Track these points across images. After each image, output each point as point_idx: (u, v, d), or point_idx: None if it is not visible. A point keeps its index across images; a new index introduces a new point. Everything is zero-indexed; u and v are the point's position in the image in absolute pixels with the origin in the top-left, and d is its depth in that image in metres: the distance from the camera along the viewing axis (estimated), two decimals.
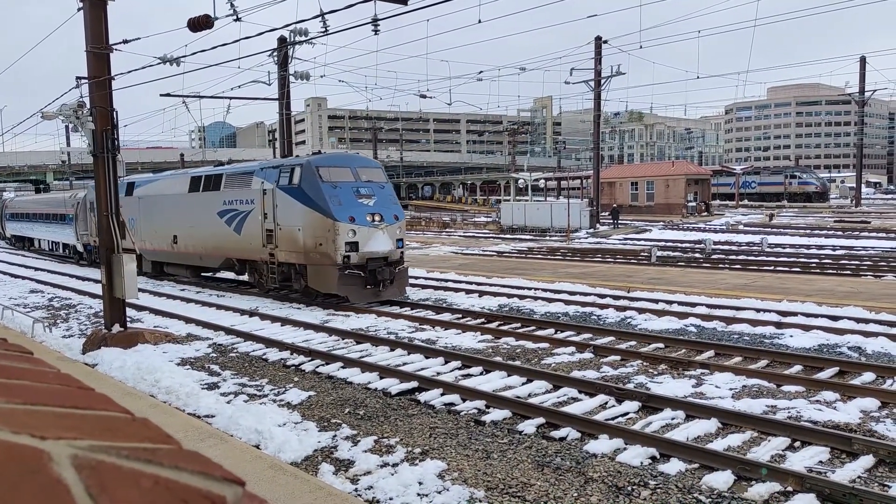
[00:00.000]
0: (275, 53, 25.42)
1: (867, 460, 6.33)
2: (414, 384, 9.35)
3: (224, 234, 18.26)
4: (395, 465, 6.62)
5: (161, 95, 25.41)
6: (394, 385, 9.37)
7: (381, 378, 9.80)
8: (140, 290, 13.90)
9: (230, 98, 26.69)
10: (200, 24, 10.63)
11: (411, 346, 11.64)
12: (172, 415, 7.79)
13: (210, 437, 6.87)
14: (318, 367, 10.68)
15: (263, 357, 11.59)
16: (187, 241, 20.10)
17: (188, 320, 15.00)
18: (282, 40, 25.81)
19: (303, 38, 20.44)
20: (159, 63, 13.80)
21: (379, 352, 11.55)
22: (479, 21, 14.82)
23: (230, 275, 21.38)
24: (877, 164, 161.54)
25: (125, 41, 12.04)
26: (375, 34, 14.28)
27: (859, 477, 6.07)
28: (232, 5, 12.28)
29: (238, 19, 11.26)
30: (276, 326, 14.19)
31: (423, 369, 10.28)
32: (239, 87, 24.50)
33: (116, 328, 12.72)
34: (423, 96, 29.75)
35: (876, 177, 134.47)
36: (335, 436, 7.48)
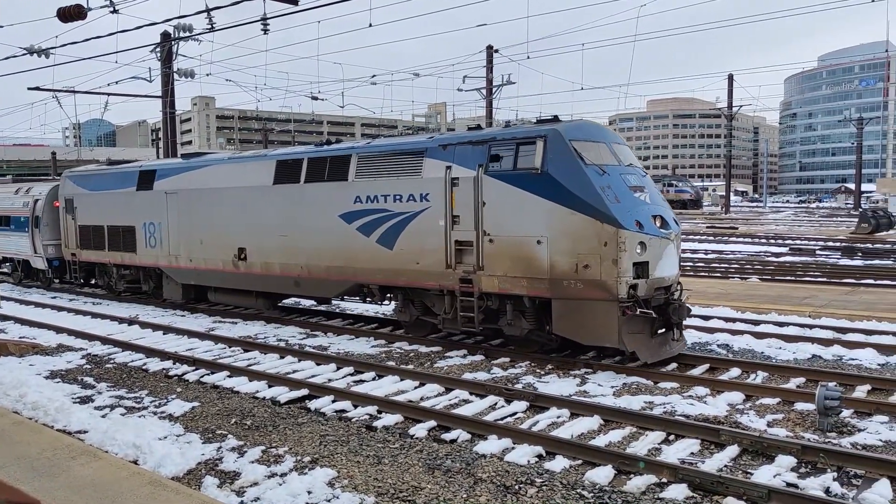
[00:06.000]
0: (157, 49, 24.28)
1: (733, 450, 6.80)
2: (304, 392, 9.17)
3: (356, 247, 12.26)
4: (283, 474, 6.46)
5: (29, 89, 23.68)
6: (283, 393, 9.15)
7: (270, 386, 9.55)
8: (4, 298, 12.84)
9: (108, 94, 25.20)
10: (71, 14, 9.97)
11: (302, 352, 11.41)
12: (39, 432, 7.25)
13: (82, 455, 6.45)
14: (202, 376, 10.26)
15: (143, 367, 11.00)
16: (270, 258, 13.80)
17: (59, 330, 14.01)
18: (165, 36, 24.68)
19: (187, 35, 19.63)
20: (25, 54, 12.83)
21: (268, 359, 11.25)
22: (370, 25, 14.77)
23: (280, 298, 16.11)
24: (743, 175, 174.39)
25: None
26: (265, 33, 13.93)
27: (726, 466, 6.51)
28: None
29: (115, 11, 10.67)
30: (157, 335, 13.52)
31: (314, 376, 10.11)
32: (117, 82, 23.15)
33: None
34: (315, 98, 29.34)
35: (743, 186, 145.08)
36: (220, 447, 7.22)
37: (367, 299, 13.06)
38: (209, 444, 7.31)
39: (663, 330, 10.19)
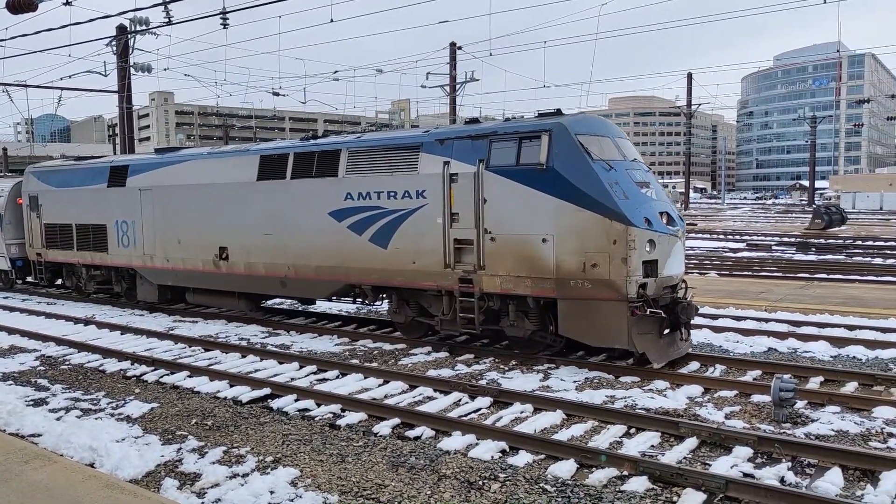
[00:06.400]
0: (113, 43, 23.73)
1: (691, 442, 6.93)
2: (266, 391, 9.07)
3: (348, 246, 11.77)
4: (245, 475, 6.38)
5: None
6: (245, 392, 9.04)
7: (232, 386, 9.43)
8: None
9: (61, 88, 24.55)
10: (21, 6, 9.67)
11: (264, 351, 11.29)
12: None
13: (36, 459, 6.28)
14: (162, 376, 10.08)
15: (100, 368, 10.76)
16: (254, 257, 13.22)
17: (11, 331, 13.62)
18: (121, 29, 24.13)
19: (144, 28, 19.20)
20: None
21: (229, 359, 11.10)
22: (332, 20, 14.65)
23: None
24: (702, 172, 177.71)
25: None
26: (224, 28, 13.71)
27: (685, 458, 6.62)
28: None
29: (68, 3, 10.38)
30: (115, 335, 13.23)
31: (276, 375, 10.02)
32: (70, 76, 22.54)
33: None
34: (276, 94, 29.02)
35: (701, 183, 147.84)
36: (180, 448, 7.10)
37: (358, 300, 12.50)
38: (169, 446, 7.18)
39: (668, 330, 9.95)
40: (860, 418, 7.62)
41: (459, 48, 40.11)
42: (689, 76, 56.52)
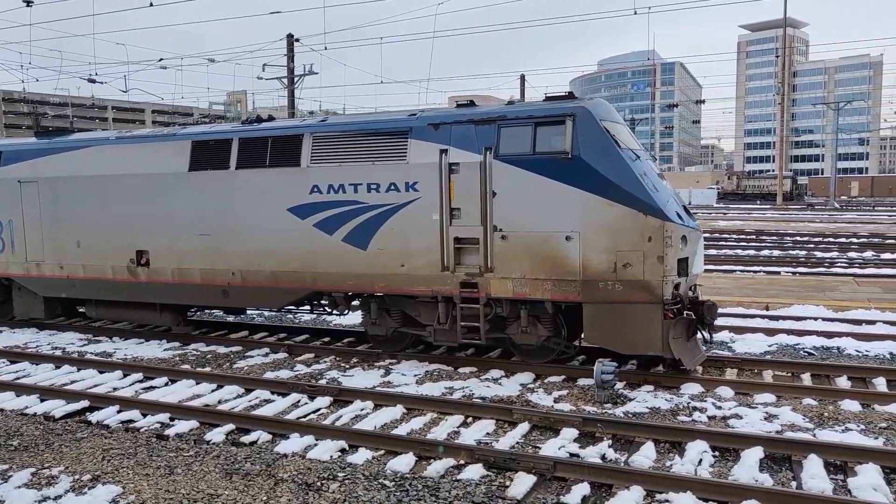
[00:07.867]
0: None
1: (524, 427, 7.27)
2: (84, 403, 8.36)
3: (315, 248, 10.21)
4: (57, 497, 5.83)
5: None
6: (59, 407, 8.27)
7: (43, 400, 8.58)
8: None
9: None
10: None
11: (82, 360, 10.40)
12: None
13: None
14: None
15: None
16: (185, 262, 11.27)
17: None
18: None
19: None
20: None
21: (41, 371, 10.11)
22: (151, 4, 13.68)
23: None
24: None
25: None
26: (28, 6, 12.36)
27: (517, 443, 6.94)
28: None
29: None
30: None
31: (96, 386, 9.27)
32: None
33: None
34: (93, 80, 26.74)
35: None
36: None
37: (319, 309, 11.27)
38: None
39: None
40: (670, 395, 8.38)
41: (297, 40, 39.25)
42: (523, 77, 59.11)
